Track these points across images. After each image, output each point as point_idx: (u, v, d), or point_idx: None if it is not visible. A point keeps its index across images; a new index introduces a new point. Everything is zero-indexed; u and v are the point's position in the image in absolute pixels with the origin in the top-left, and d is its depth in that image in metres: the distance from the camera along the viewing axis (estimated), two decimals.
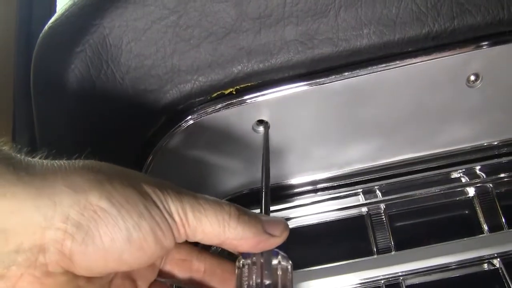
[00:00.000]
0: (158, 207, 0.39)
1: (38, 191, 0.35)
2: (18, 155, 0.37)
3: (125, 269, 0.40)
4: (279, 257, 0.46)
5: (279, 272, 0.45)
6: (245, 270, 0.45)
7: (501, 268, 0.71)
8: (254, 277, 0.44)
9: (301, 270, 0.75)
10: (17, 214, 0.34)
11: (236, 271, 0.46)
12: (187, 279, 0.49)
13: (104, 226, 0.36)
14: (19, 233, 0.34)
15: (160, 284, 0.48)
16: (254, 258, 0.45)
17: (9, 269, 0.34)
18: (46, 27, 0.60)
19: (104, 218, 0.36)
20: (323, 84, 0.60)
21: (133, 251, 0.38)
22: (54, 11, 1.04)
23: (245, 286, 0.44)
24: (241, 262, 0.46)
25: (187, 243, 0.45)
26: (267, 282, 0.44)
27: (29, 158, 0.37)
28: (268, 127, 0.65)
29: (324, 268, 0.75)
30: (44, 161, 0.38)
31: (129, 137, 0.62)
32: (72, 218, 0.35)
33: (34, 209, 0.34)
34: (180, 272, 0.49)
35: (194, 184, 0.71)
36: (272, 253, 0.46)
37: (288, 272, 0.46)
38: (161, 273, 0.49)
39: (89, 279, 0.39)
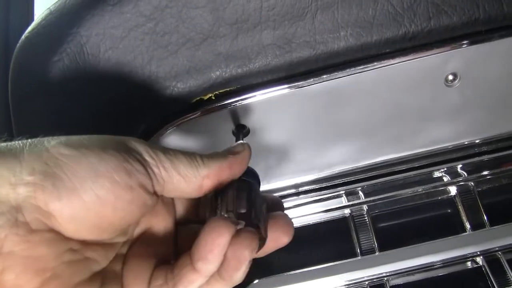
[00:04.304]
0: (122, 144, 0.41)
1: (4, 153, 0.36)
2: None
3: (113, 218, 0.40)
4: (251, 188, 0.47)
5: (255, 201, 0.46)
6: (216, 201, 0.46)
7: (484, 266, 0.72)
8: (222, 207, 0.45)
9: (286, 273, 0.76)
10: None
11: (209, 202, 0.48)
12: None
13: (69, 168, 0.37)
14: None
15: None
16: (222, 193, 0.46)
17: None
18: (23, 36, 0.59)
19: (67, 161, 0.37)
20: (302, 87, 0.60)
21: (107, 188, 0.38)
22: (32, 20, 1.03)
23: (218, 213, 0.45)
24: (213, 195, 0.47)
25: None
26: (242, 210, 0.44)
27: None
28: (247, 132, 0.65)
29: (308, 271, 0.75)
30: None
31: None
32: (38, 169, 0.36)
33: (2, 167, 0.35)
34: None
35: None
36: (237, 186, 0.47)
37: (259, 202, 0.47)
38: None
39: (85, 244, 0.40)
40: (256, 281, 0.76)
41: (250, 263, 0.42)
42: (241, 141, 0.48)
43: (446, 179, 0.82)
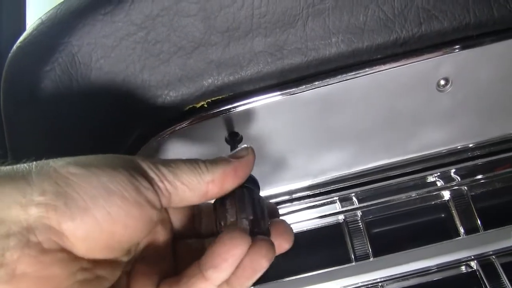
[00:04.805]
0: (128, 162, 0.41)
1: (12, 176, 0.36)
2: None
3: (122, 236, 0.40)
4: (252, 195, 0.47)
5: (256, 208, 0.46)
6: (224, 207, 0.46)
7: (478, 270, 0.72)
8: (231, 213, 0.45)
9: (280, 280, 0.75)
10: None
11: (214, 210, 0.48)
12: None
13: (81, 187, 0.37)
14: (4, 218, 0.34)
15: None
16: (229, 198, 0.46)
17: (5, 256, 0.34)
18: (15, 46, 0.59)
19: (77, 180, 0.37)
20: (294, 94, 0.60)
21: (118, 205, 0.38)
22: (24, 30, 1.03)
23: (225, 221, 0.45)
24: (218, 201, 0.47)
25: None
26: (252, 217, 0.45)
27: None
28: (240, 140, 0.65)
29: (303, 277, 0.75)
30: None
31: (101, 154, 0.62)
32: (49, 190, 0.36)
33: (12, 189, 0.35)
34: None
35: None
36: (244, 192, 0.47)
37: (265, 209, 0.48)
38: None
39: (95, 262, 0.39)
40: None
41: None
42: (245, 145, 0.48)
43: (439, 183, 0.82)
